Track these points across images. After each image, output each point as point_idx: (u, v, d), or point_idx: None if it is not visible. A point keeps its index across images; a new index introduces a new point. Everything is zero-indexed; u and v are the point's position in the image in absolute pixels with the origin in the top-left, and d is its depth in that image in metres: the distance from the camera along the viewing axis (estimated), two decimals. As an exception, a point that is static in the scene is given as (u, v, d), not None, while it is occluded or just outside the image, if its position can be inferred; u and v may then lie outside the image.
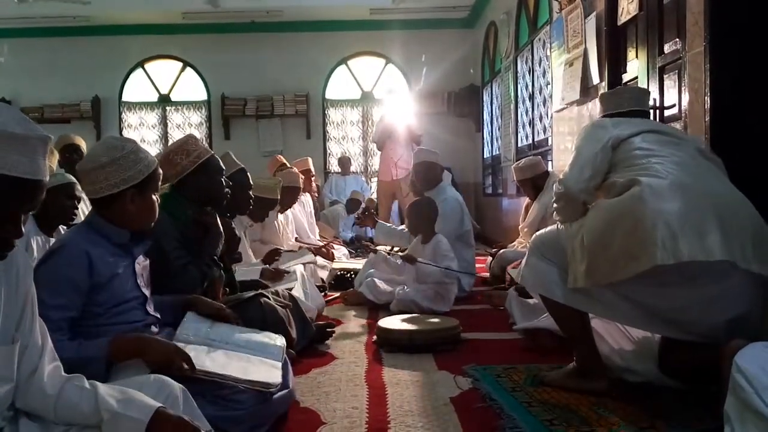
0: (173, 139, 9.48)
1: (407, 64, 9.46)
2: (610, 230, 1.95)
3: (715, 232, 1.84)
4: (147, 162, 1.84)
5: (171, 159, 2.45)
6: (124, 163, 1.80)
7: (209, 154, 2.52)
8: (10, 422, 1.24)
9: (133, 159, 1.81)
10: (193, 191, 2.45)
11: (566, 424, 1.87)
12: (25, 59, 9.14)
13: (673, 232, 1.83)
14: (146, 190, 1.84)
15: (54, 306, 1.63)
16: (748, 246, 1.85)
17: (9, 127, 1.07)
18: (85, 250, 1.73)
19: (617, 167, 2.13)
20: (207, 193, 2.49)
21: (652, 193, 1.91)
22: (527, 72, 6.60)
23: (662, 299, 1.94)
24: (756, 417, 1.30)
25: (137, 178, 1.80)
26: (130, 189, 1.80)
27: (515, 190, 6.44)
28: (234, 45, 9.15)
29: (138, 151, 1.85)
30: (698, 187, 1.95)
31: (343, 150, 9.67)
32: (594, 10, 4.32)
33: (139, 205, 1.83)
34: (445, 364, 2.59)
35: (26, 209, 1.13)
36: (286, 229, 4.88)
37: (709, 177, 2.06)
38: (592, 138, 2.21)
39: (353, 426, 1.93)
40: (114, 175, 1.78)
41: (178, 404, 1.40)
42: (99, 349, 1.62)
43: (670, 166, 2.02)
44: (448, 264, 3.68)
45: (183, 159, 2.45)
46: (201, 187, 2.46)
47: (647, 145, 2.13)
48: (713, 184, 2.02)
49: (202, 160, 2.46)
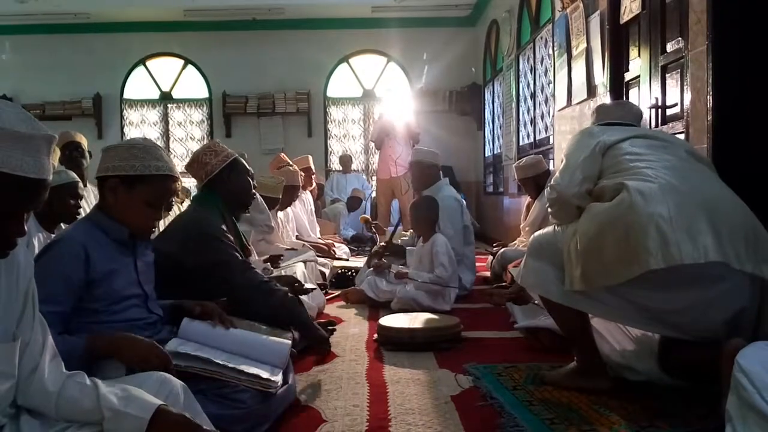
0: (174, 137, 9.56)
1: (409, 62, 9.46)
2: (602, 236, 1.97)
3: (707, 234, 1.84)
4: (149, 165, 1.80)
5: (200, 159, 2.57)
6: (123, 154, 1.81)
7: (236, 155, 2.63)
8: (11, 419, 1.24)
9: (134, 154, 1.80)
10: (224, 190, 2.56)
11: (567, 423, 1.87)
12: (27, 56, 9.15)
13: (664, 235, 1.84)
14: (134, 190, 1.79)
15: (44, 300, 1.60)
16: (741, 246, 1.86)
17: (14, 126, 1.06)
18: (82, 243, 1.72)
19: (606, 172, 2.14)
20: (236, 192, 2.59)
21: (642, 197, 1.91)
22: (529, 71, 6.59)
23: (659, 302, 1.95)
24: (758, 416, 1.30)
25: (125, 171, 1.78)
26: (114, 178, 1.79)
27: (516, 188, 6.44)
28: (235, 43, 9.15)
29: (148, 151, 1.82)
30: (688, 189, 1.96)
31: (345, 148, 9.67)
32: (597, 8, 4.31)
33: (122, 201, 1.79)
34: (445, 362, 2.59)
35: (30, 208, 1.13)
36: (287, 226, 4.88)
37: (700, 178, 2.07)
38: (580, 145, 2.24)
39: (354, 424, 1.93)
40: (110, 159, 1.82)
41: (179, 402, 1.40)
42: (76, 345, 1.58)
43: (659, 169, 2.03)
44: (441, 262, 3.65)
45: (212, 158, 2.56)
46: (230, 186, 2.57)
47: (636, 150, 2.15)
48: (704, 185, 2.03)
49: (231, 159, 2.58)
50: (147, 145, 1.85)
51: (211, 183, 2.56)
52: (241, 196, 2.62)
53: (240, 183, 2.60)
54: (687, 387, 2.08)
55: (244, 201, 2.66)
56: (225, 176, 2.55)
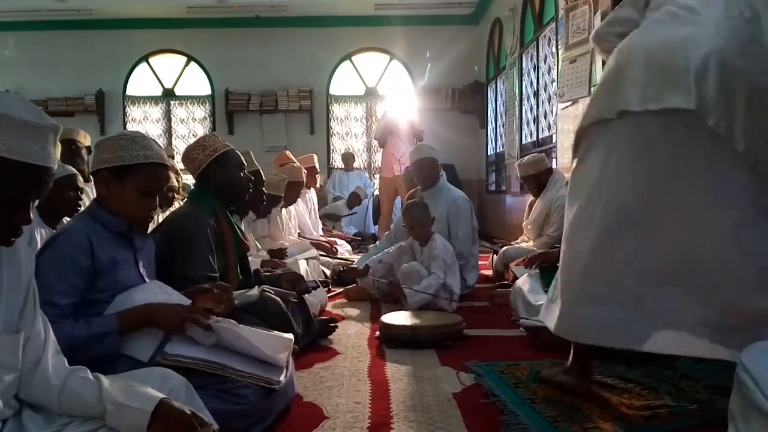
0: (177, 134, 9.57)
1: (411, 60, 9.45)
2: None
3: (687, 84, 1.66)
4: (136, 154, 1.81)
5: (189, 155, 2.55)
6: (112, 146, 1.83)
7: (226, 148, 2.58)
8: (14, 414, 1.24)
9: (121, 145, 1.82)
10: (213, 185, 2.53)
11: (570, 421, 1.87)
12: (30, 53, 9.15)
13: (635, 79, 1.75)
14: (125, 181, 1.81)
15: (60, 292, 1.64)
16: (738, 106, 1.62)
17: (21, 116, 1.09)
18: (85, 233, 1.74)
19: None
20: (226, 186, 2.55)
21: None
22: (532, 69, 6.58)
23: (657, 240, 1.75)
24: (761, 415, 1.30)
25: (114, 162, 1.80)
26: (104, 170, 1.81)
27: (519, 187, 6.43)
28: (238, 40, 9.15)
29: (135, 141, 1.83)
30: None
31: (347, 146, 9.66)
32: (600, 6, 4.30)
33: (115, 192, 1.81)
34: (447, 359, 2.59)
35: (36, 196, 1.15)
36: (289, 223, 4.88)
37: None
38: None
39: (356, 420, 1.93)
40: (100, 153, 1.84)
41: (181, 397, 1.40)
42: (109, 323, 1.65)
43: None
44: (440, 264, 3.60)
45: (199, 154, 2.54)
46: (220, 180, 2.53)
47: None
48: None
49: (217, 153, 2.53)
50: (134, 135, 1.87)
51: (202, 178, 2.54)
52: (231, 190, 2.56)
53: (228, 177, 2.54)
54: (688, 381, 2.08)
55: (236, 194, 2.60)
56: (213, 171, 2.52)
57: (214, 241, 2.43)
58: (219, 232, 2.49)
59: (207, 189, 2.54)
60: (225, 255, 2.51)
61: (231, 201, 2.62)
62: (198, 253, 2.34)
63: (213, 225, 2.46)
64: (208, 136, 2.64)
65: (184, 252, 2.32)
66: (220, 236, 2.49)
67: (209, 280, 2.33)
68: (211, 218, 2.47)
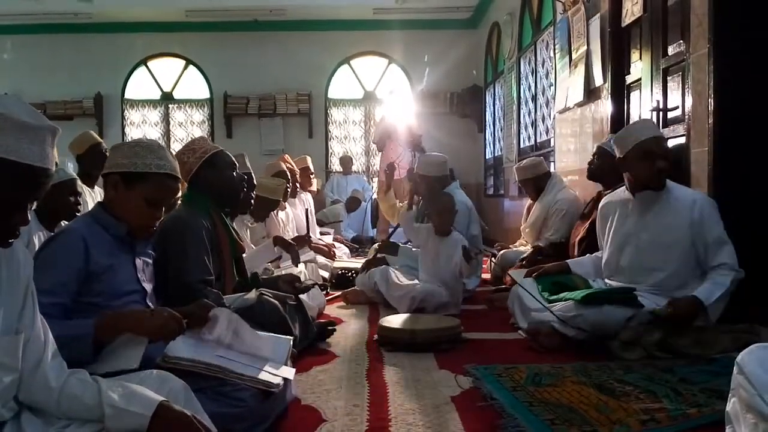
0: (175, 137, 9.57)
1: (410, 64, 9.46)
2: None
3: None
4: (150, 163, 1.82)
5: (180, 159, 2.52)
6: (127, 152, 1.84)
7: (216, 150, 2.58)
8: (13, 417, 1.24)
9: (136, 152, 1.82)
10: (205, 187, 2.53)
11: (568, 424, 1.87)
12: (28, 56, 9.15)
13: None
14: (134, 188, 1.81)
15: (45, 291, 1.58)
16: None
17: (21, 117, 1.10)
18: (81, 235, 1.74)
19: None
20: (218, 187, 2.55)
21: None
22: (530, 73, 6.59)
23: None
24: (758, 417, 1.30)
25: (126, 168, 1.81)
26: (115, 174, 1.82)
27: (517, 191, 6.44)
28: (237, 43, 9.16)
29: (151, 150, 1.84)
30: None
31: (345, 149, 9.67)
32: (598, 11, 4.32)
33: (121, 197, 1.82)
34: (446, 363, 2.59)
35: (34, 197, 1.16)
36: (287, 227, 4.88)
37: None
38: None
39: (354, 424, 1.93)
40: (114, 157, 1.85)
41: (179, 400, 1.40)
42: (84, 327, 1.54)
43: None
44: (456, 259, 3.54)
45: (190, 157, 2.54)
46: (211, 182, 2.53)
47: None
48: None
49: (207, 156, 2.53)
50: (150, 143, 1.88)
51: (194, 182, 2.54)
52: (223, 192, 2.56)
53: (220, 179, 2.54)
54: (686, 385, 2.08)
55: (229, 196, 2.60)
56: (203, 174, 2.52)
57: (209, 243, 2.43)
58: (214, 233, 2.49)
59: (201, 191, 2.54)
60: (220, 257, 2.51)
61: (225, 202, 2.62)
62: (193, 256, 2.34)
63: (208, 227, 2.46)
64: (197, 139, 2.65)
65: (179, 256, 2.32)
66: (216, 238, 2.49)
67: (205, 284, 2.33)
68: (206, 220, 2.47)
